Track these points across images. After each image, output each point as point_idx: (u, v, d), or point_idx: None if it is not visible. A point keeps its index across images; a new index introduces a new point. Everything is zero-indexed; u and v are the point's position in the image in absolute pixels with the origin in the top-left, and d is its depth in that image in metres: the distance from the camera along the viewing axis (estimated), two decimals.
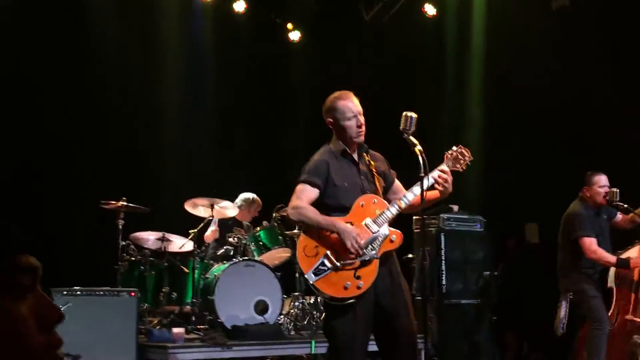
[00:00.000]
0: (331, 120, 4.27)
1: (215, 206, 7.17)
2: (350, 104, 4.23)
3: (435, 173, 4.13)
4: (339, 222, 4.05)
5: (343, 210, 4.13)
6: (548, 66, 8.24)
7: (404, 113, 4.13)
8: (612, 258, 5.86)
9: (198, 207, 7.26)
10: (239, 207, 7.67)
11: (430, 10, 9.45)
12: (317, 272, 4.02)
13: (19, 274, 1.24)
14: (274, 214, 7.48)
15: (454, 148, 4.28)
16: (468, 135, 9.26)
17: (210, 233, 7.38)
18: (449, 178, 4.14)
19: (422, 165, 4.00)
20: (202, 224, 7.25)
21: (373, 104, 4.39)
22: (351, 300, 3.99)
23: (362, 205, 4.13)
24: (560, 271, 6.15)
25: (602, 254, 5.86)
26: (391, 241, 4.12)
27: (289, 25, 10.35)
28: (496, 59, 8.94)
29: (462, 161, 4.25)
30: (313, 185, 4.16)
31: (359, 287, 3.99)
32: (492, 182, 8.59)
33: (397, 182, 4.40)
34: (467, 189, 7.77)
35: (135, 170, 8.41)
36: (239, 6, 9.80)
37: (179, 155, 9.13)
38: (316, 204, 4.17)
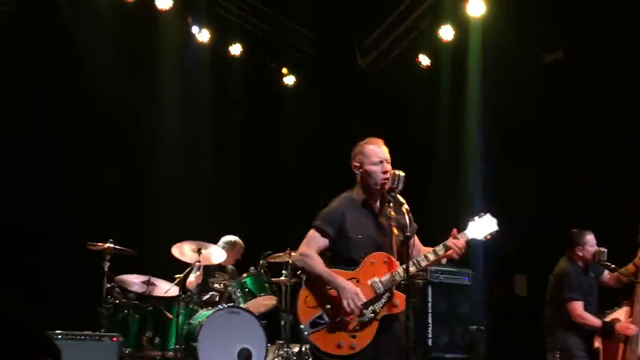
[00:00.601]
0: (357, 164, 4.20)
1: (203, 251, 7.12)
2: (378, 150, 4.18)
3: (452, 241, 4.04)
4: (340, 279, 3.98)
5: (352, 263, 4.06)
6: (542, 118, 8.26)
7: (392, 171, 4.09)
8: (597, 322, 5.84)
9: (184, 252, 7.20)
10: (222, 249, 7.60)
11: (424, 60, 9.51)
12: (313, 325, 3.96)
13: None
14: (261, 261, 7.45)
15: (482, 215, 4.16)
16: (461, 185, 9.27)
17: (194, 279, 7.32)
18: (463, 249, 4.05)
19: (408, 224, 3.93)
20: (188, 269, 7.20)
21: None
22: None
23: (372, 263, 4.05)
24: (547, 328, 6.12)
25: (588, 318, 5.85)
26: (394, 305, 4.01)
27: (284, 70, 10.41)
28: (491, 110, 8.95)
29: (486, 230, 4.11)
30: (324, 234, 4.10)
31: (352, 347, 3.93)
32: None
33: (416, 239, 4.25)
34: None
35: (124, 212, 8.39)
36: (235, 49, 9.89)
37: (169, 198, 9.08)
38: (326, 252, 4.12)
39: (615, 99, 7.55)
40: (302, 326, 3.97)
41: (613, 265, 5.95)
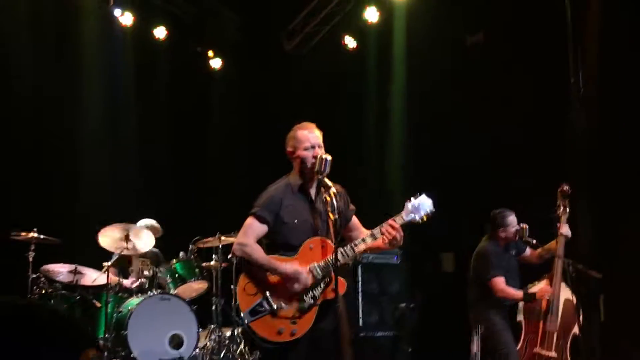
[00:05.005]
0: (290, 149, 4.20)
1: (131, 238, 7.01)
2: (310, 135, 4.16)
3: (384, 227, 4.04)
4: (282, 265, 3.98)
5: (290, 248, 4.06)
6: (465, 96, 8.42)
7: (318, 155, 4.08)
8: (518, 294, 6.02)
9: (112, 240, 7.07)
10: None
11: (350, 43, 9.58)
12: (253, 313, 3.95)
13: None
14: (190, 246, 7.42)
15: (418, 196, 4.14)
16: (387, 166, 9.41)
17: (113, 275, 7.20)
18: (398, 234, 4.02)
19: (336, 208, 3.93)
20: (115, 257, 7.09)
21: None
22: (281, 346, 3.95)
23: (310, 248, 4.06)
24: (469, 305, 6.27)
25: (509, 292, 6.02)
26: (333, 290, 3.99)
27: (210, 53, 10.33)
28: (416, 90, 9.07)
29: (422, 212, 4.09)
30: (262, 220, 4.08)
31: (292, 334, 3.95)
32: None
33: (354, 220, 4.31)
34: (384, 220, 7.85)
35: (47, 201, 8.18)
36: (160, 33, 9.74)
37: (95, 186, 8.89)
38: (265, 239, 4.11)
39: (534, 79, 7.75)
40: (241, 314, 3.96)
41: (535, 241, 6.12)
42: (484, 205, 6.66)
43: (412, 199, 4.13)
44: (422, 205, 4.11)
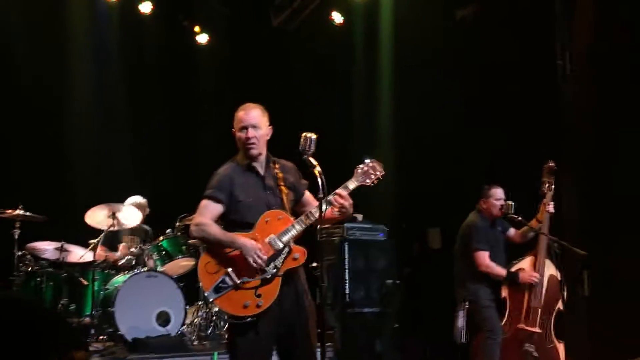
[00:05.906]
0: (233, 129, 4.22)
1: (117, 215, 7.04)
2: (244, 116, 4.16)
3: (331, 197, 4.07)
4: (240, 238, 4.01)
5: (248, 226, 4.07)
6: (453, 73, 8.39)
7: (303, 134, 4.08)
8: (502, 271, 6.05)
9: (98, 219, 7.07)
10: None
11: (337, 18, 9.53)
12: (217, 290, 3.97)
13: None
14: (177, 223, 7.41)
15: (366, 162, 4.23)
16: (375, 141, 9.39)
17: (101, 251, 7.22)
18: (346, 202, 4.08)
19: (321, 187, 3.96)
20: (103, 234, 7.08)
21: (279, 111, 4.34)
22: (250, 319, 3.96)
23: (266, 222, 4.08)
24: (456, 280, 6.31)
25: (493, 268, 6.05)
26: (294, 259, 4.05)
27: (197, 28, 10.24)
28: (404, 66, 9.04)
29: (372, 176, 4.19)
30: (216, 200, 4.10)
31: (258, 306, 3.96)
32: (399, 187, 8.62)
33: (307, 194, 4.33)
34: (371, 196, 7.85)
35: (33, 177, 8.14)
36: (145, 7, 9.64)
37: (82, 161, 8.86)
38: (221, 220, 4.14)
39: (523, 55, 7.73)
40: (206, 293, 4.01)
41: (520, 218, 6.11)
42: (471, 180, 6.66)
43: (361, 165, 4.22)
44: (371, 170, 4.21)
